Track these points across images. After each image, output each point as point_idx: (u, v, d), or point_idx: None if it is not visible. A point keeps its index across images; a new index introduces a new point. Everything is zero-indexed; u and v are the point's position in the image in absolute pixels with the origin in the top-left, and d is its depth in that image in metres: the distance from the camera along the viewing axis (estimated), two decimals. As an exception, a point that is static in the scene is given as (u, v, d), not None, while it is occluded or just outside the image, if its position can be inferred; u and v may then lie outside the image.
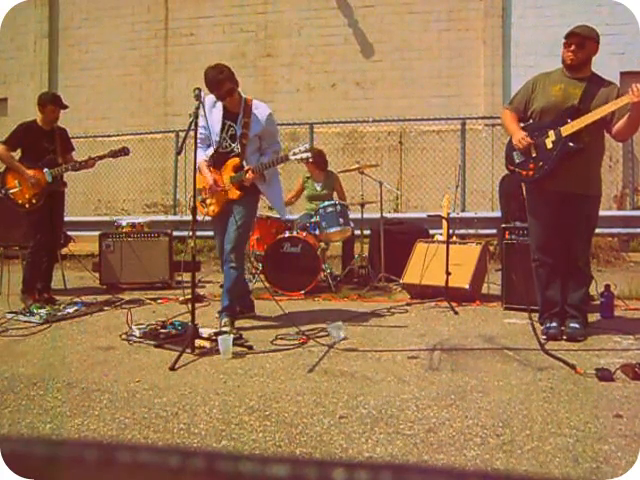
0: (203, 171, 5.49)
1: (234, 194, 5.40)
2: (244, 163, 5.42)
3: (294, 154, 5.35)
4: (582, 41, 4.74)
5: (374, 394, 3.58)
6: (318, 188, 8.17)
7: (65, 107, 6.89)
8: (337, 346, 4.68)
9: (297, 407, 3.39)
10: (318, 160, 8.06)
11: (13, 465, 0.53)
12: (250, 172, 5.29)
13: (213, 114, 5.47)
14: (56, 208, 6.93)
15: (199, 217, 5.32)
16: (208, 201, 5.54)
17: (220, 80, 5.25)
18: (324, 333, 5.06)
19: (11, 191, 6.57)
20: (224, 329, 4.98)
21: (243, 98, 5.51)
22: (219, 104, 5.47)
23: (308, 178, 8.26)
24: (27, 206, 6.57)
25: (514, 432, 2.97)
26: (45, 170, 6.57)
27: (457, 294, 6.30)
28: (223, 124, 5.45)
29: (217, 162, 5.50)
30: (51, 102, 6.71)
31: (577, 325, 4.89)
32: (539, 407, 3.32)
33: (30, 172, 6.51)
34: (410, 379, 3.87)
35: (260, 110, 5.51)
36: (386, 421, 3.15)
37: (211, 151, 5.48)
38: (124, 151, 6.82)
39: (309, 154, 5.42)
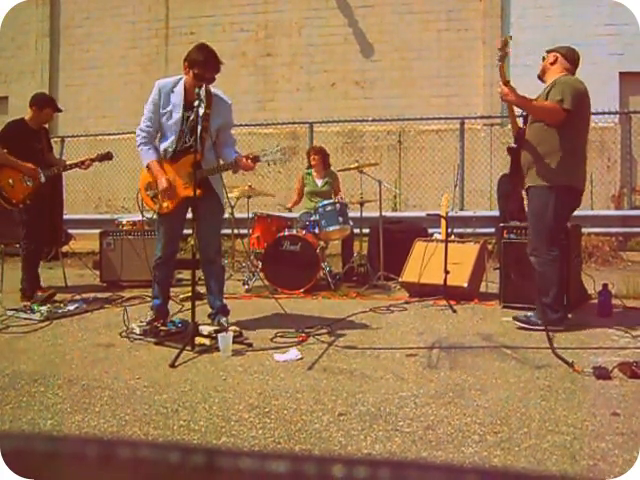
0: (154, 170, 5.00)
1: (191, 191, 4.76)
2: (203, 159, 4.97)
3: (265, 155, 4.89)
4: (551, 51, 5.37)
5: (373, 392, 3.60)
6: (319, 184, 8.19)
7: (60, 110, 6.91)
8: (336, 344, 4.70)
9: (296, 404, 3.40)
10: (323, 156, 8.17)
11: (13, 465, 0.54)
12: (251, 160, 4.86)
13: (172, 102, 4.96)
14: (54, 207, 6.93)
15: (148, 214, 5.26)
16: (160, 197, 5.03)
17: (219, 66, 4.91)
18: (323, 331, 5.09)
19: (5, 189, 6.49)
20: (227, 326, 4.98)
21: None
22: (178, 90, 4.96)
23: (308, 174, 8.28)
24: (21, 206, 6.51)
25: (512, 430, 2.99)
26: (38, 171, 6.53)
27: (455, 292, 6.32)
28: (183, 115, 4.95)
29: (176, 157, 5.00)
30: (49, 105, 6.70)
31: (530, 313, 5.23)
32: (537, 405, 3.34)
33: (28, 165, 6.47)
34: (408, 377, 3.89)
35: (221, 101, 5.08)
36: (385, 418, 3.16)
37: (164, 145, 5.03)
38: (108, 156, 6.81)
39: (280, 155, 4.90)
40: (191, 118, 4.90)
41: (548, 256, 5.10)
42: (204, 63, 4.87)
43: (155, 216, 5.27)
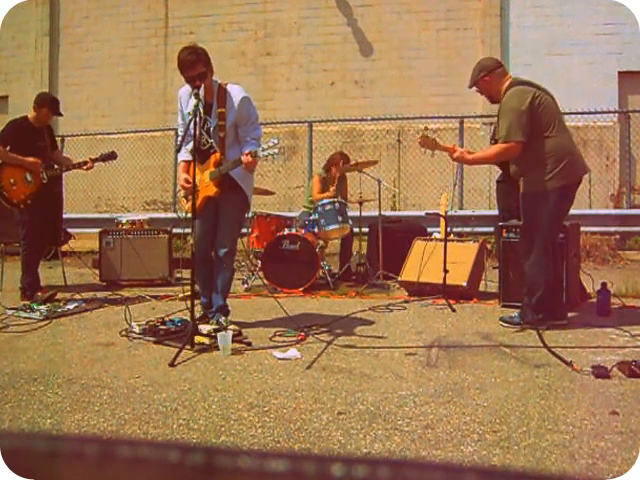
0: (178, 172, 5.35)
1: (211, 191, 5.07)
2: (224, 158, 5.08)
3: (263, 150, 4.82)
4: (473, 85, 5.40)
5: (372, 390, 3.60)
6: (332, 189, 8.15)
7: (60, 114, 6.91)
8: (335, 343, 4.70)
9: (296, 403, 3.41)
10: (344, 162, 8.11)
11: (13, 464, 0.53)
12: (250, 156, 4.82)
13: (189, 106, 5.00)
14: (55, 207, 6.95)
15: (182, 213, 5.28)
16: (190, 197, 5.09)
17: (191, 61, 4.85)
18: (323, 330, 5.10)
19: (6, 189, 6.52)
20: (226, 325, 4.98)
21: (216, 84, 5.10)
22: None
23: (324, 178, 8.19)
24: (22, 206, 6.54)
25: (511, 429, 2.99)
26: (41, 169, 6.55)
27: (455, 291, 6.32)
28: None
29: (201, 159, 5.08)
30: (49, 106, 6.68)
31: (515, 314, 5.27)
32: (536, 404, 3.34)
33: (31, 159, 6.49)
34: (408, 376, 3.89)
35: (234, 95, 5.06)
36: (384, 417, 3.16)
37: (190, 146, 5.04)
38: (113, 155, 6.84)
39: (276, 150, 4.83)
40: (205, 126, 5.02)
41: (538, 260, 5.10)
42: (179, 65, 4.95)
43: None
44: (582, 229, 7.02)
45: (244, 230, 7.90)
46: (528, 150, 5.01)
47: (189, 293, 4.88)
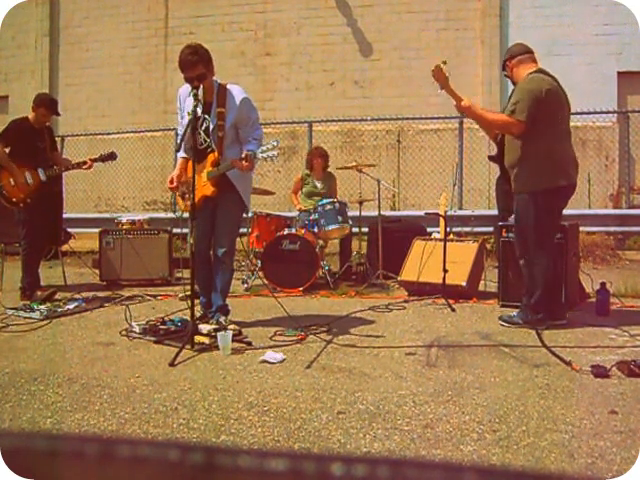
0: (175, 168, 5.33)
1: (208, 190, 5.07)
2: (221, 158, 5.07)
3: (262, 151, 4.82)
4: (503, 69, 5.48)
5: (372, 390, 3.61)
6: (318, 186, 8.19)
7: (58, 114, 6.93)
8: (335, 342, 4.71)
9: (296, 403, 3.41)
10: (324, 160, 8.14)
11: (13, 463, 0.53)
12: (245, 160, 4.83)
13: (187, 104, 5.01)
14: (55, 206, 6.96)
15: (179, 212, 5.27)
16: (187, 195, 5.17)
17: (191, 62, 4.85)
18: (322, 329, 5.10)
19: (6, 188, 6.54)
20: (226, 325, 4.98)
21: (217, 84, 5.10)
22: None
23: (308, 176, 8.27)
24: (21, 205, 6.56)
25: (510, 428, 2.99)
26: (39, 170, 6.57)
27: (454, 291, 6.32)
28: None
29: (198, 159, 4.98)
30: (45, 106, 6.68)
31: (514, 313, 5.30)
32: (535, 403, 3.34)
33: (26, 173, 6.52)
34: (407, 375, 3.89)
35: (234, 96, 5.05)
36: (384, 417, 3.17)
37: (188, 146, 5.03)
38: (112, 156, 6.85)
39: (276, 152, 4.84)
40: (204, 126, 5.01)
41: (535, 260, 5.10)
42: (180, 65, 4.94)
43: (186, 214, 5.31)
44: (581, 229, 7.02)
45: (244, 230, 7.93)
46: (527, 141, 5.00)
47: (189, 293, 4.88)
